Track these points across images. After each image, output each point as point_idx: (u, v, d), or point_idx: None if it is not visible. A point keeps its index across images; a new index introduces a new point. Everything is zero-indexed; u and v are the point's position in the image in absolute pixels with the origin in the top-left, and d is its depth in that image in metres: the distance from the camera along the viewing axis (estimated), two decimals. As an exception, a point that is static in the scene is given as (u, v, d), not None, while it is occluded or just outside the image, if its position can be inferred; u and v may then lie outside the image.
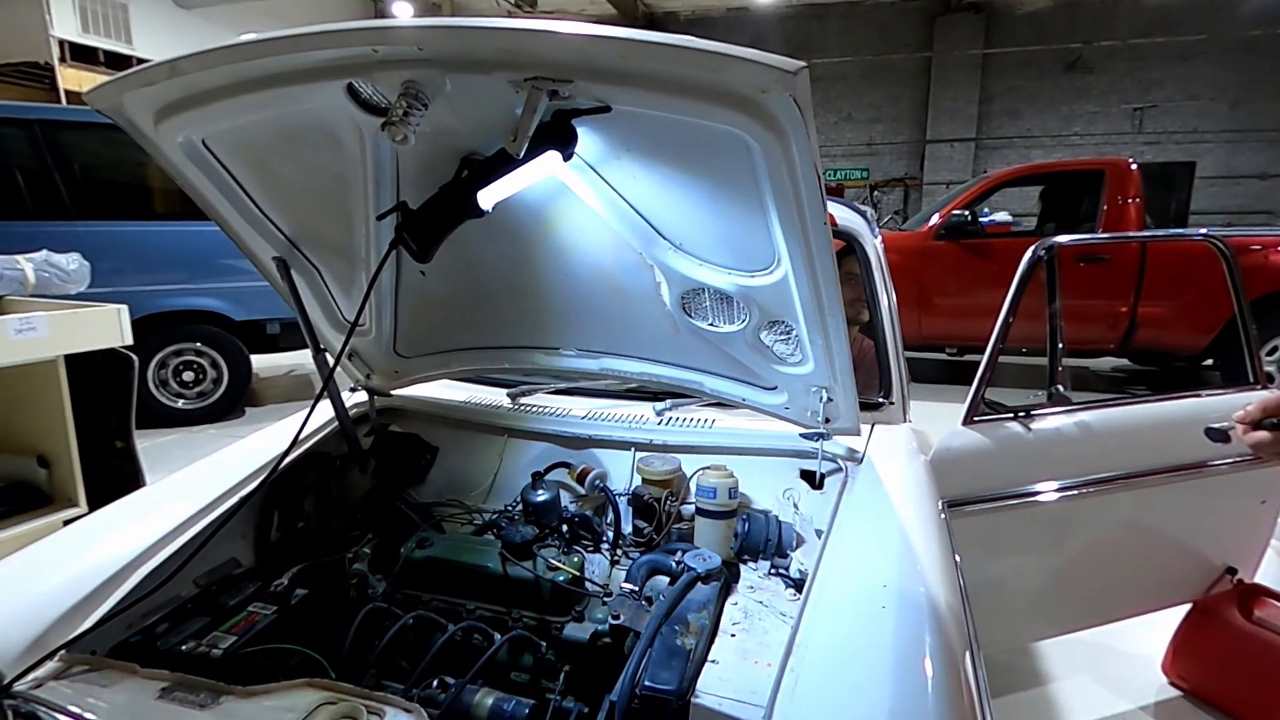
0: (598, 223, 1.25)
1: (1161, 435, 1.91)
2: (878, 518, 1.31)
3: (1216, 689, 2.09)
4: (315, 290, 1.55)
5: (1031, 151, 11.25)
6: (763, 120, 0.88)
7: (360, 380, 1.79)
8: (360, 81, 1.03)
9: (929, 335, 5.82)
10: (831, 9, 11.45)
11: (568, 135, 1.00)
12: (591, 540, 1.50)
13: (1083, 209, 5.67)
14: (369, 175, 1.23)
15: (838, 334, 1.25)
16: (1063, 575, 1.98)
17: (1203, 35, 10.14)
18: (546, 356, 1.67)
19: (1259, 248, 5.10)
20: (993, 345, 1.77)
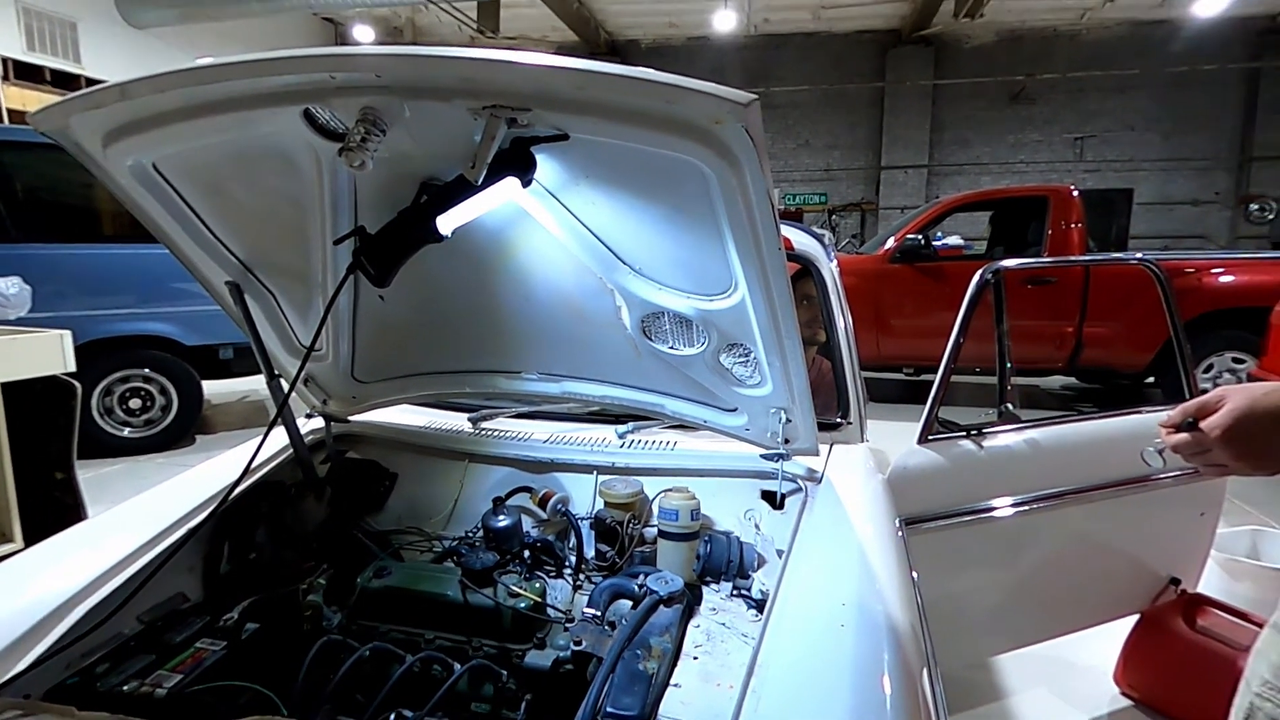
0: (557, 247, 1.26)
1: (1106, 451, 1.98)
2: (837, 537, 1.33)
3: (1165, 698, 2.16)
4: (270, 315, 1.53)
5: (981, 178, 11.68)
6: (717, 150, 0.90)
7: (317, 406, 1.76)
8: (317, 107, 1.03)
9: (887, 356, 5.95)
10: (789, 39, 11.78)
11: (527, 162, 1.02)
12: (554, 565, 1.49)
13: (1029, 233, 5.90)
14: (326, 199, 1.22)
15: (794, 357, 1.27)
16: (1018, 590, 2.03)
17: (1136, 70, 10.70)
18: (508, 380, 1.67)
19: (1192, 270, 5.37)
20: (945, 366, 1.83)
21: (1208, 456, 0.83)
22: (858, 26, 11.39)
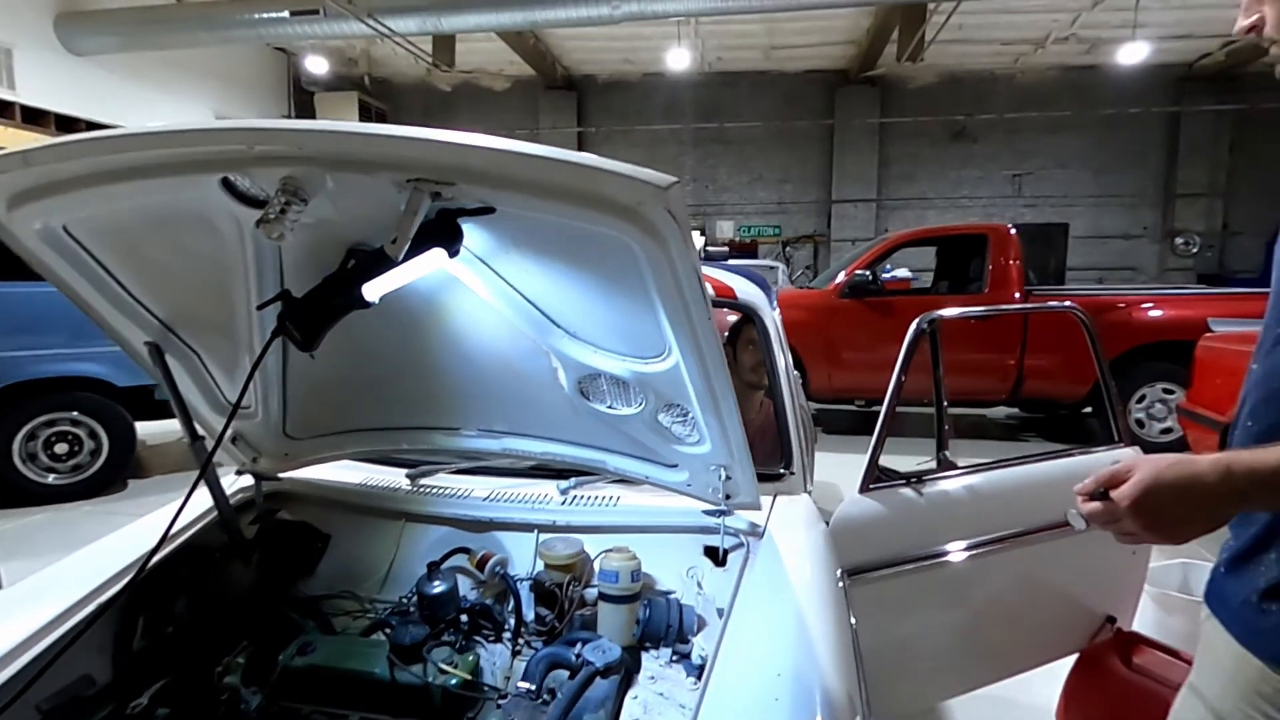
0: (491, 311, 1.24)
1: (1041, 495, 2.03)
2: (776, 596, 1.32)
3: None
4: (194, 373, 1.47)
5: (927, 212, 12.08)
6: (642, 226, 0.91)
7: (246, 464, 1.69)
8: (236, 175, 1.00)
9: (838, 389, 6.05)
10: (741, 77, 12.09)
11: (453, 233, 1.00)
12: (493, 630, 1.44)
13: (971, 268, 6.11)
14: (250, 262, 1.18)
15: (730, 417, 1.28)
16: (963, 634, 2.05)
17: (1067, 112, 11.28)
18: (446, 437, 1.63)
19: (1124, 306, 5.62)
20: (884, 415, 1.85)
21: (1118, 525, 0.85)
22: (807, 66, 11.77)
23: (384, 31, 7.63)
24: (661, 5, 7.06)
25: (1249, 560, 0.90)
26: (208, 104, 9.85)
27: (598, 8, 7.12)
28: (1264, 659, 0.87)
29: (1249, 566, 0.90)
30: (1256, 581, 0.88)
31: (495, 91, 12.05)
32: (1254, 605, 0.88)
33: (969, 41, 9.99)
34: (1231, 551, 0.95)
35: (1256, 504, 0.81)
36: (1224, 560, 0.96)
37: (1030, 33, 9.97)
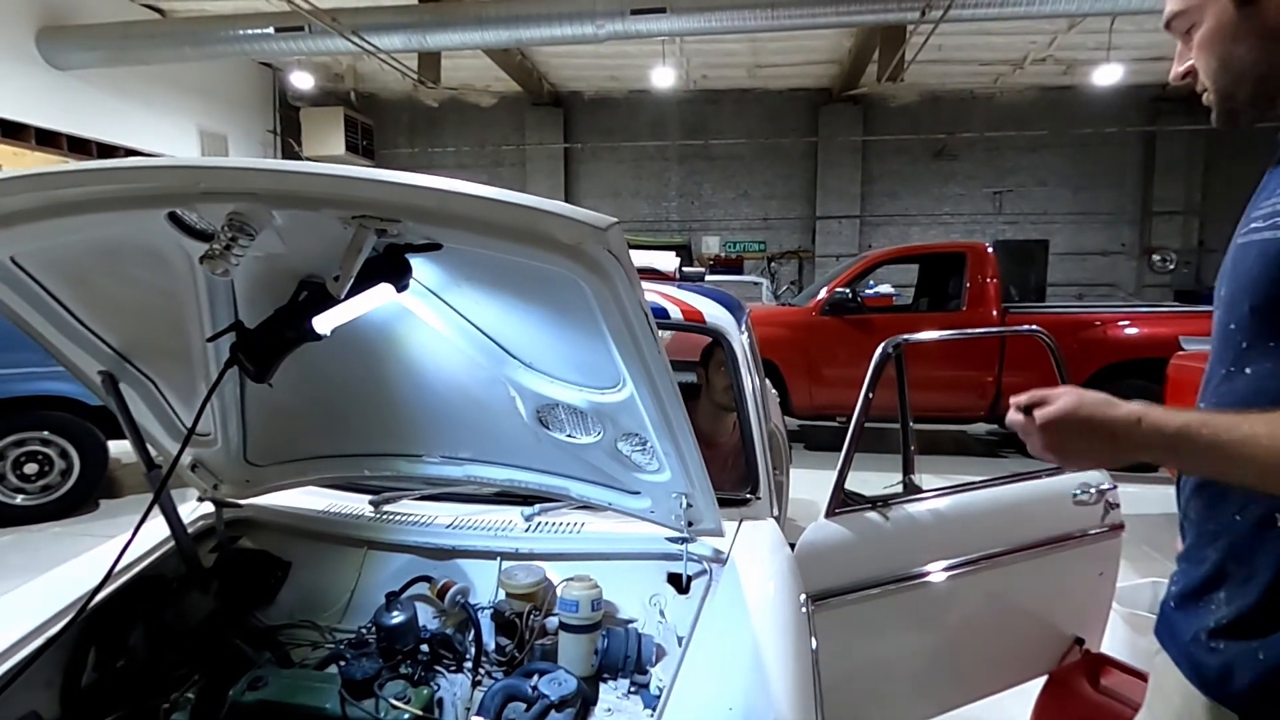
0: (447, 342, 1.25)
1: (1006, 517, 2.04)
2: (736, 625, 1.32)
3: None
4: (150, 401, 1.46)
5: (910, 228, 12.21)
6: (586, 264, 0.92)
7: (206, 491, 1.67)
8: (183, 210, 1.00)
9: (819, 405, 6.08)
10: (725, 94, 12.21)
11: (401, 268, 1.01)
12: (453, 660, 1.43)
13: (950, 286, 6.18)
14: (201, 294, 1.18)
15: (688, 446, 1.28)
16: (932, 658, 2.05)
17: (1045, 131, 11.47)
18: (409, 464, 1.62)
19: (1099, 324, 5.69)
20: (850, 438, 1.86)
21: (1029, 440, 0.87)
22: (791, 85, 11.90)
23: (369, 48, 7.65)
24: (645, 25, 7.13)
25: (1199, 598, 0.91)
26: (191, 119, 9.82)
27: (582, 27, 7.18)
28: (1212, 696, 0.88)
29: (1199, 604, 0.91)
30: (1205, 620, 0.89)
31: (481, 108, 12.10)
32: (1203, 643, 0.89)
33: (949, 62, 10.14)
34: (1181, 587, 0.96)
35: (1152, 457, 0.83)
36: (1174, 595, 0.97)
37: (1008, 54, 10.14)
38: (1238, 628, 0.86)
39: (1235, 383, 0.87)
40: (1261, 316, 0.83)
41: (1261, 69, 0.86)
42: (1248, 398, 0.84)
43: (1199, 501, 0.92)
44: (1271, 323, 0.82)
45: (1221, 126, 0.92)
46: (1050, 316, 5.93)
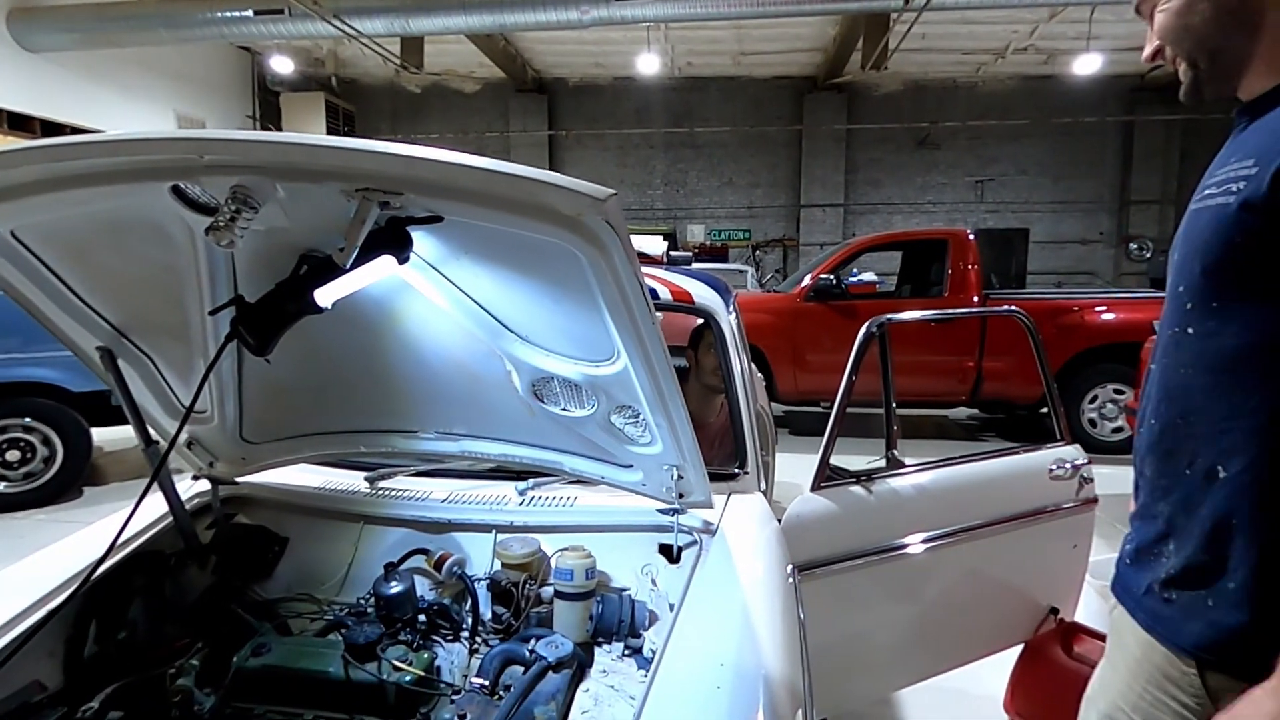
0: (444, 315, 1.27)
1: (985, 491, 2.11)
2: (726, 591, 1.37)
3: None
4: (147, 378, 1.47)
5: (893, 217, 12.31)
6: (584, 235, 0.95)
7: (202, 469, 1.69)
8: (187, 183, 1.02)
9: (804, 391, 6.15)
10: (711, 82, 12.20)
11: (403, 240, 1.03)
12: (450, 629, 1.47)
13: (932, 272, 6.26)
14: (202, 268, 1.20)
15: (680, 418, 1.32)
16: (913, 626, 2.12)
17: (1027, 120, 11.59)
18: (405, 440, 1.65)
19: (1076, 309, 5.80)
20: (835, 415, 1.91)
21: None
22: (776, 73, 11.91)
23: (350, 32, 7.56)
24: (630, 11, 7.12)
25: (1150, 552, 0.97)
26: (168, 103, 9.66)
27: (567, 12, 7.15)
28: (1167, 645, 0.93)
29: (1151, 558, 0.96)
30: (1157, 572, 0.95)
31: (465, 94, 12.00)
32: (1156, 594, 0.95)
33: (931, 51, 10.20)
34: (1134, 544, 1.01)
35: None
36: (1128, 552, 1.02)
37: (990, 43, 10.22)
38: (1187, 577, 0.90)
39: (1182, 343, 0.92)
40: (1210, 278, 0.87)
41: (1217, 40, 0.90)
42: (1196, 356, 0.89)
43: (1154, 458, 0.97)
44: (1219, 284, 0.87)
45: (1187, 100, 0.97)
46: (1030, 302, 6.03)
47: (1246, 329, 0.84)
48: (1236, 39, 0.89)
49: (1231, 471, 0.86)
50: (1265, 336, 0.82)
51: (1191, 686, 0.89)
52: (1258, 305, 0.84)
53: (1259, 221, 0.81)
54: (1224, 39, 0.90)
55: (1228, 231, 0.84)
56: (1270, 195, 0.79)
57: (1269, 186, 0.79)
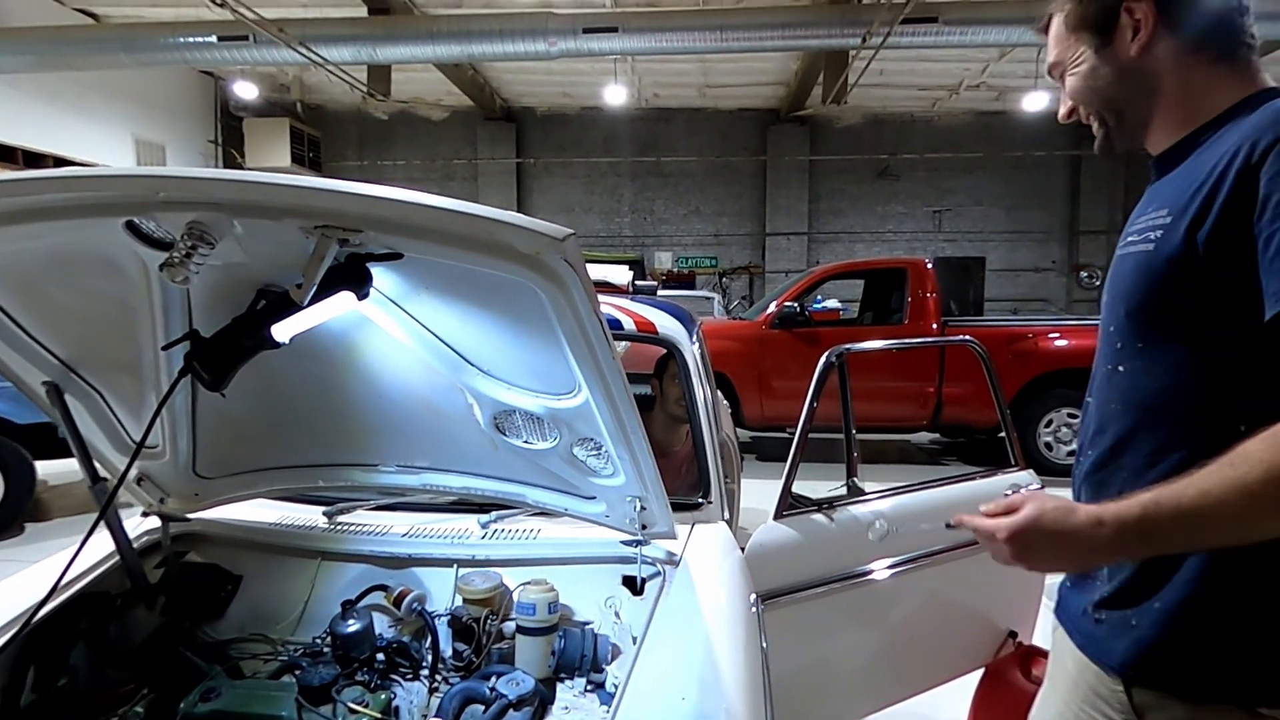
0: (405, 350, 1.27)
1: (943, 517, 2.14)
2: (689, 623, 1.37)
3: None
4: (96, 413, 1.43)
5: (855, 245, 12.61)
6: (544, 273, 0.96)
7: (152, 505, 1.64)
8: (141, 218, 1.01)
9: (770, 417, 6.21)
10: (677, 113, 12.44)
11: (362, 277, 1.04)
12: (410, 668, 1.44)
13: (893, 300, 6.42)
14: (156, 303, 1.18)
15: (641, 450, 1.33)
16: (876, 653, 2.14)
17: (981, 154, 12.05)
18: (365, 473, 1.63)
19: (1031, 336, 5.99)
20: (796, 443, 1.94)
21: (995, 548, 0.93)
22: (740, 105, 12.21)
23: (317, 60, 7.55)
24: (597, 44, 7.24)
25: (1087, 576, 1.01)
26: (126, 127, 9.49)
27: (534, 43, 7.25)
28: (1098, 664, 0.97)
29: (1087, 581, 1.01)
30: (1092, 594, 0.99)
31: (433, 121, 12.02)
32: (1089, 615, 0.98)
33: (889, 86, 10.57)
34: None
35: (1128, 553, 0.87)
36: (1069, 576, 1.06)
37: (945, 80, 10.64)
38: (1117, 599, 0.94)
39: (1114, 379, 0.97)
40: (1134, 321, 0.92)
41: (1120, 102, 0.98)
42: (1125, 393, 0.94)
43: (1088, 488, 1.01)
44: (1142, 326, 0.92)
45: (1101, 154, 1.04)
46: (986, 329, 6.22)
47: (1169, 370, 0.89)
48: (1138, 100, 0.96)
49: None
50: (1186, 378, 0.87)
51: (1119, 703, 0.93)
52: (1178, 348, 0.88)
53: (1176, 269, 0.86)
54: (1126, 101, 0.97)
55: (1148, 278, 0.89)
56: (1185, 244, 0.84)
57: (1183, 236, 0.85)
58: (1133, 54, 0.94)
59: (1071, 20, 0.99)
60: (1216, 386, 0.80)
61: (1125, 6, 0.93)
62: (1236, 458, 0.74)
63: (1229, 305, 0.81)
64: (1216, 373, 0.84)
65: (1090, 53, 0.98)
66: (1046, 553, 0.87)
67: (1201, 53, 0.92)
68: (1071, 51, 1.01)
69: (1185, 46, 0.92)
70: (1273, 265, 0.76)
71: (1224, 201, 0.81)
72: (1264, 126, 0.80)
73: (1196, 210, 0.84)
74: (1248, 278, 0.78)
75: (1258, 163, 0.78)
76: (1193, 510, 0.76)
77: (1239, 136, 0.82)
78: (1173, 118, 0.94)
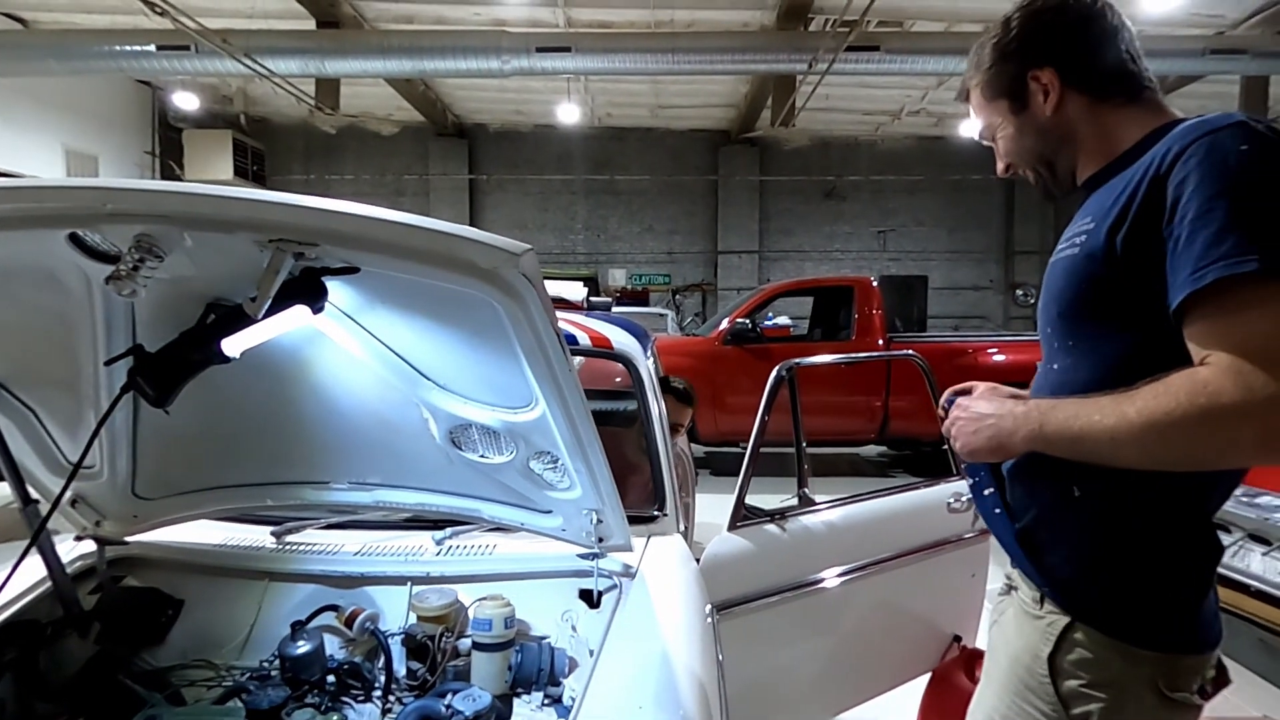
0: (359, 364, 1.26)
1: (890, 525, 2.22)
2: (645, 635, 1.38)
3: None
4: (29, 432, 1.37)
5: (804, 263, 12.92)
6: (501, 287, 0.98)
7: (87, 528, 1.58)
8: (86, 231, 0.99)
9: (724, 432, 6.28)
10: (630, 132, 12.59)
11: (317, 291, 1.03)
12: (362, 689, 1.41)
13: (841, 317, 6.60)
14: (98, 317, 1.15)
15: (598, 462, 1.34)
16: (827, 660, 2.18)
17: (922, 176, 12.53)
18: (315, 491, 1.60)
19: (971, 351, 6.24)
20: (749, 456, 1.99)
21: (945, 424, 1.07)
22: (692, 125, 12.43)
23: (262, 72, 7.39)
24: (550, 63, 7.30)
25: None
26: (57, 136, 9.09)
27: (488, 61, 7.25)
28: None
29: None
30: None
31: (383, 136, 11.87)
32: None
33: (835, 110, 10.92)
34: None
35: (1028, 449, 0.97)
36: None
37: (887, 105, 11.05)
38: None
39: (1048, 376, 1.06)
40: (1064, 319, 1.01)
41: (1049, 155, 1.08)
42: (1056, 388, 1.02)
43: (1022, 479, 1.08)
44: (1071, 325, 1.00)
45: (1044, 198, 1.13)
46: (929, 345, 6.45)
47: (1095, 364, 0.97)
48: (1063, 150, 1.07)
49: (1083, 491, 0.98)
50: (1108, 371, 0.94)
51: (1047, 694, 1.00)
52: (1103, 344, 0.97)
53: (1098, 269, 0.94)
54: (1054, 154, 1.08)
55: (1075, 278, 0.98)
56: (1106, 245, 0.93)
57: (1104, 238, 0.93)
58: (1048, 114, 1.05)
59: (987, 92, 1.10)
60: (1137, 378, 0.87)
61: (1031, 75, 1.04)
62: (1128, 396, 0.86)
63: (1144, 302, 0.90)
64: (1136, 365, 0.91)
65: (1011, 118, 1.08)
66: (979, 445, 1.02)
67: (1108, 101, 1.02)
68: (994, 118, 1.11)
69: (1092, 99, 1.03)
70: (1178, 260, 0.84)
71: (1138, 207, 0.90)
72: (1172, 140, 0.90)
73: (1115, 215, 0.92)
74: (1159, 274, 0.87)
75: (1165, 171, 0.87)
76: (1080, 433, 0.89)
77: (1153, 153, 0.91)
78: (1097, 153, 1.04)
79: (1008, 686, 1.05)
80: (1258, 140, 0.83)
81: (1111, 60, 1.02)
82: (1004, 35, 1.07)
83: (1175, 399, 0.80)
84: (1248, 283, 0.78)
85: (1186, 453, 0.83)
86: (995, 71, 1.08)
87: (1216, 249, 0.80)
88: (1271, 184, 0.81)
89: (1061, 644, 0.99)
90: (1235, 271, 0.78)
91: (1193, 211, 0.83)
